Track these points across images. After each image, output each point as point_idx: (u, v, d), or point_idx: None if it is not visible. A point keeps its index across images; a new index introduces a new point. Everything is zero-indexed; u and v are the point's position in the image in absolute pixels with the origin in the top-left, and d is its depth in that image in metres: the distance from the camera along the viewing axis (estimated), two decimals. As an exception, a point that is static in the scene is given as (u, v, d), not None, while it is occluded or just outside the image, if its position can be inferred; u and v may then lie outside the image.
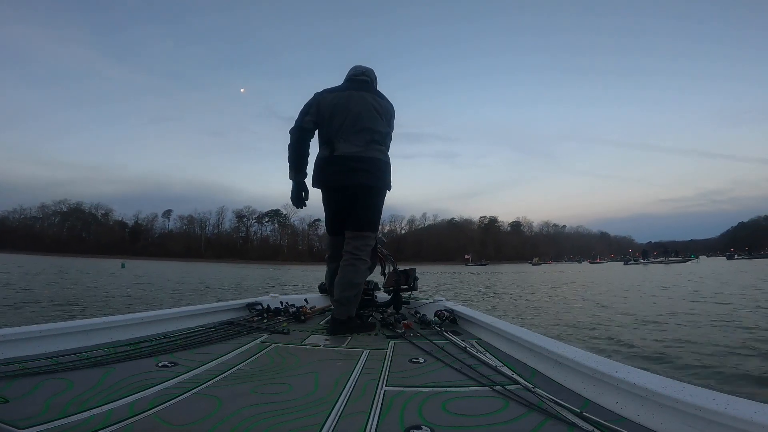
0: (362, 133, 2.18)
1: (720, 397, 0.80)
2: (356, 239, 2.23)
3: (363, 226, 2.24)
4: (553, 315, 7.61)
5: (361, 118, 2.18)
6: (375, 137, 2.21)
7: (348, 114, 2.17)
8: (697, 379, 3.41)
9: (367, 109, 2.20)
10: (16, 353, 1.37)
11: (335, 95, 2.23)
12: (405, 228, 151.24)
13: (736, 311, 7.18)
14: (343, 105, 2.19)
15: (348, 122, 2.17)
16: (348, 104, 2.19)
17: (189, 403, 1.04)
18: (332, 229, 2.37)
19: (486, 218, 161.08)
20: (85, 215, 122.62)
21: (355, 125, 2.17)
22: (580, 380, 1.13)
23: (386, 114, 2.29)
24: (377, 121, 2.22)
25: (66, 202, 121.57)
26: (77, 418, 0.90)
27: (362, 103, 2.21)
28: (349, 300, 2.16)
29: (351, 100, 2.20)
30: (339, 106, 2.18)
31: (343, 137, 2.17)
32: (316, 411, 0.99)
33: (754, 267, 30.86)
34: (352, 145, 2.16)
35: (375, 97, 2.29)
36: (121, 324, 1.79)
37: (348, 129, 2.17)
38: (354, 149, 2.16)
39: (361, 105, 2.20)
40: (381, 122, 2.25)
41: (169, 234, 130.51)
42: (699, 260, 69.09)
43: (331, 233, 2.39)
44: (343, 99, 2.20)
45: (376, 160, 2.20)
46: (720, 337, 5.03)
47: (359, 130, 2.17)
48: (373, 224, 2.28)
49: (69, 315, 6.39)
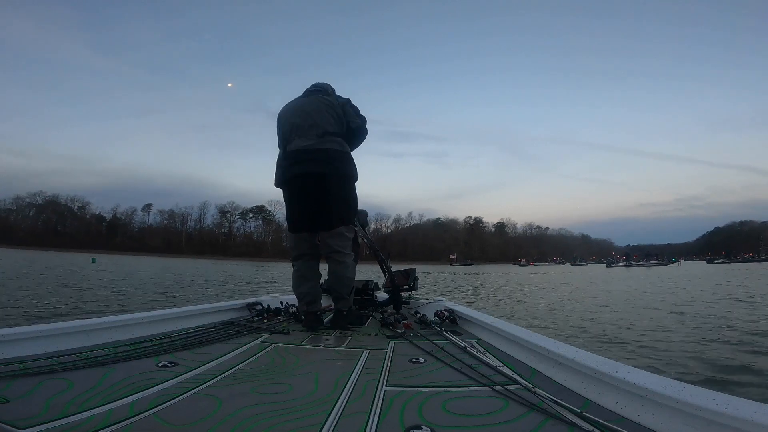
0: (314, 128, 2.24)
1: (720, 397, 0.80)
2: (332, 237, 2.24)
3: (333, 222, 2.23)
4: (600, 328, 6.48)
5: (311, 115, 2.26)
6: (328, 129, 2.25)
7: (298, 116, 2.29)
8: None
9: (317, 108, 2.29)
10: (16, 353, 1.36)
11: (288, 105, 2.39)
12: (391, 227, 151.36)
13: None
14: (293, 111, 2.33)
15: (300, 121, 2.27)
16: (299, 107, 2.33)
17: (189, 403, 1.04)
18: (293, 225, 2.34)
19: (471, 219, 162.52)
20: (61, 208, 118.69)
21: (306, 122, 2.25)
22: (581, 380, 1.13)
23: (334, 108, 2.33)
24: (328, 117, 2.29)
25: (42, 194, 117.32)
26: (77, 418, 0.90)
27: (312, 103, 2.33)
28: (348, 292, 2.30)
29: (300, 104, 2.36)
30: (291, 111, 2.33)
31: (296, 135, 2.25)
32: (316, 411, 0.99)
33: (742, 270, 31.52)
34: (304, 139, 2.22)
35: (324, 96, 2.38)
36: (121, 324, 1.78)
37: (300, 127, 2.25)
38: (306, 143, 2.21)
39: (311, 105, 2.31)
40: (333, 117, 2.30)
41: (149, 228, 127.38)
42: (680, 264, 70.30)
43: (291, 230, 2.36)
44: (297, 103, 2.37)
45: (330, 150, 2.22)
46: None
47: (310, 125, 2.24)
48: (343, 218, 2.27)
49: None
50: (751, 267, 43.56)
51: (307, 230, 2.30)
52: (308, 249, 2.33)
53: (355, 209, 2.39)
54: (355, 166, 2.36)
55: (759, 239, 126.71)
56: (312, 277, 2.33)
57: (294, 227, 2.34)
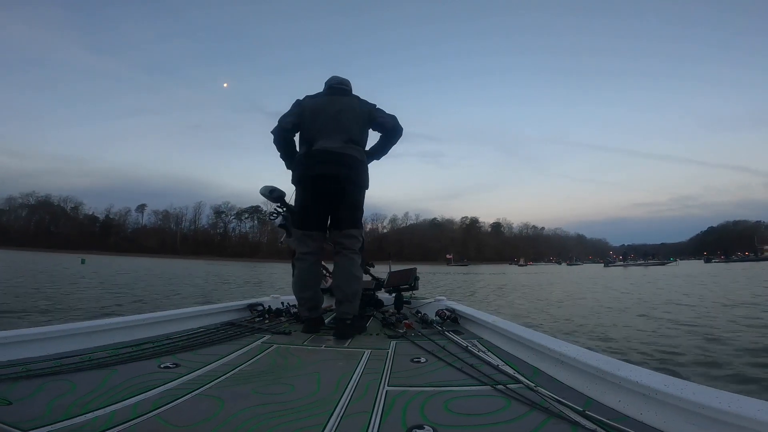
0: (340, 132, 2.23)
1: (723, 395, 0.80)
2: (344, 237, 2.23)
3: (350, 223, 2.25)
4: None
5: (339, 118, 2.26)
6: (353, 137, 2.26)
7: (327, 115, 2.26)
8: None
9: (346, 111, 2.29)
10: (18, 355, 1.36)
11: (316, 99, 2.34)
12: (387, 227, 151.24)
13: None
14: (324, 107, 2.28)
15: (327, 122, 2.24)
16: (328, 107, 2.28)
17: (191, 404, 1.04)
18: (304, 223, 2.28)
19: (467, 219, 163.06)
20: (54, 208, 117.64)
21: (334, 125, 2.24)
22: (583, 379, 1.13)
23: (362, 116, 2.34)
24: (355, 123, 2.30)
25: (34, 194, 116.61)
26: (80, 420, 0.90)
27: (341, 105, 2.31)
28: (356, 295, 2.18)
29: (331, 103, 2.30)
30: (319, 109, 2.28)
31: (322, 135, 2.23)
32: (318, 411, 0.99)
33: (743, 270, 30.62)
34: (330, 141, 2.21)
35: (353, 100, 2.37)
36: (123, 325, 1.78)
37: (327, 128, 2.23)
38: (332, 145, 2.21)
39: (341, 107, 2.29)
40: (359, 124, 2.32)
41: (143, 229, 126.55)
42: (678, 263, 69.94)
43: (302, 227, 2.28)
44: (324, 102, 2.31)
45: (353, 158, 2.24)
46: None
47: (337, 129, 2.23)
48: (358, 222, 2.30)
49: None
50: (753, 266, 41.97)
51: (318, 229, 2.28)
52: (315, 248, 2.28)
53: (362, 216, 2.39)
54: (368, 177, 2.38)
55: (752, 239, 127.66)
56: (315, 282, 2.29)
57: (307, 225, 2.28)
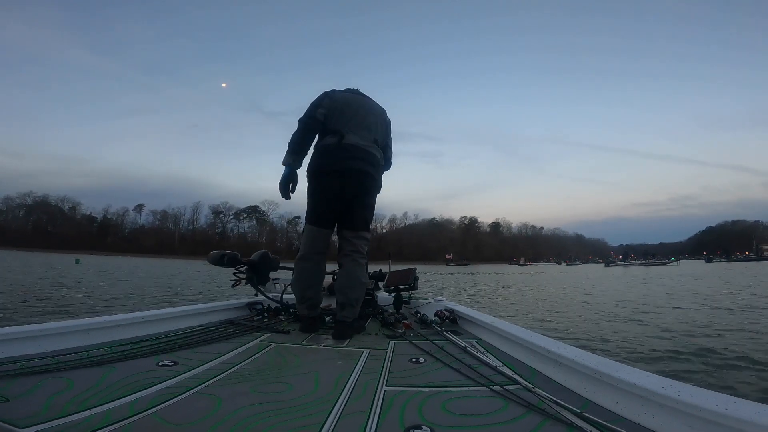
0: (369, 131, 2.25)
1: (720, 397, 0.80)
2: (357, 239, 2.19)
3: (363, 225, 2.23)
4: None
5: (368, 118, 2.28)
6: (377, 139, 2.29)
7: (359, 111, 2.26)
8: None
9: (374, 113, 2.33)
10: (16, 352, 1.35)
11: (346, 94, 2.33)
12: (386, 227, 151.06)
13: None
14: (355, 103, 2.28)
15: (358, 118, 2.24)
16: (359, 103, 2.30)
17: (189, 402, 1.03)
18: (319, 219, 2.20)
19: (466, 219, 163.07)
20: (52, 208, 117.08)
21: (364, 123, 2.24)
22: (580, 380, 1.13)
23: (385, 122, 2.41)
24: (381, 127, 2.34)
25: (32, 194, 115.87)
26: (77, 417, 0.89)
27: (371, 106, 2.35)
28: (359, 301, 2.14)
29: (362, 101, 2.33)
30: (351, 103, 2.27)
31: (353, 131, 2.20)
32: (316, 410, 0.99)
33: (749, 270, 30.18)
34: (360, 138, 2.20)
35: (377, 104, 2.41)
36: (121, 323, 1.77)
37: (358, 124, 2.22)
38: (362, 142, 2.20)
39: (370, 107, 2.34)
40: (383, 129, 2.37)
41: (141, 229, 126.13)
42: (679, 263, 68.82)
43: (317, 224, 2.20)
44: (356, 99, 2.32)
45: (377, 158, 2.27)
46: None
47: (366, 127, 2.24)
48: (368, 224, 2.29)
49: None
50: (756, 266, 41.87)
51: (330, 226, 2.23)
52: (323, 248, 2.23)
53: (372, 218, 2.37)
54: (382, 181, 2.40)
55: (751, 238, 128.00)
56: (318, 282, 2.25)
57: (320, 221, 2.20)
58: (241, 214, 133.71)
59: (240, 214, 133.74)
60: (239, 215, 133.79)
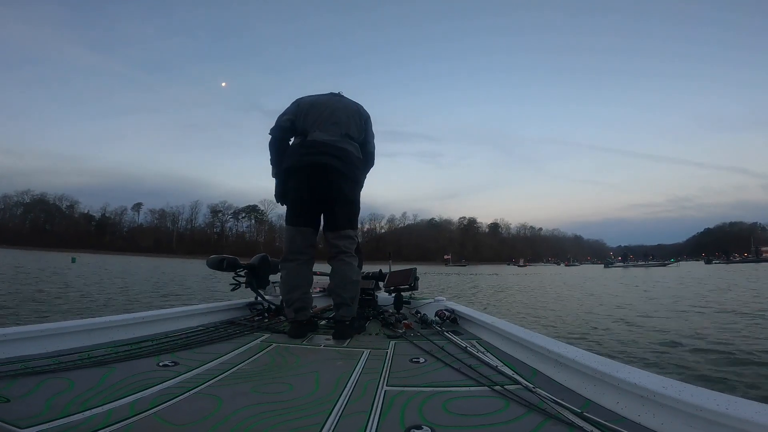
0: (337, 126, 2.20)
1: (721, 397, 0.80)
2: (340, 239, 2.15)
3: (344, 223, 2.17)
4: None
5: (336, 113, 2.24)
6: (350, 133, 2.24)
7: (325, 109, 2.24)
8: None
9: (344, 108, 2.29)
10: (17, 353, 1.36)
11: (314, 96, 2.33)
12: (385, 227, 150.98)
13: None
14: (321, 103, 2.27)
15: (324, 116, 2.22)
16: (326, 102, 2.28)
17: (190, 402, 1.03)
18: (295, 218, 2.16)
19: (465, 219, 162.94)
20: (49, 207, 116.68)
21: (331, 119, 2.21)
22: (581, 380, 1.13)
23: (361, 116, 2.34)
24: (352, 121, 2.28)
25: (29, 193, 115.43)
26: (78, 418, 0.90)
27: (339, 102, 2.31)
28: (353, 300, 2.12)
29: (330, 100, 2.31)
30: (316, 104, 2.27)
31: (318, 128, 2.18)
32: (316, 411, 0.99)
33: (754, 271, 29.59)
34: (326, 134, 2.16)
35: (352, 103, 2.38)
36: (122, 323, 1.77)
37: (323, 121, 2.20)
38: (327, 137, 2.16)
39: (338, 103, 2.30)
40: (356, 122, 2.30)
41: (139, 228, 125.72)
42: (679, 265, 68.72)
43: (293, 223, 2.16)
44: (322, 98, 2.31)
45: (348, 151, 2.19)
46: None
47: (334, 123, 2.21)
48: (352, 222, 2.23)
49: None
50: (758, 268, 40.74)
51: (309, 225, 2.16)
52: (305, 248, 2.16)
53: (358, 215, 2.30)
54: (364, 176, 2.36)
55: (749, 240, 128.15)
56: (304, 284, 2.17)
57: (297, 220, 2.16)
58: (240, 214, 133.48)
59: (239, 213, 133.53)
60: (238, 214, 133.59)
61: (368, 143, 2.37)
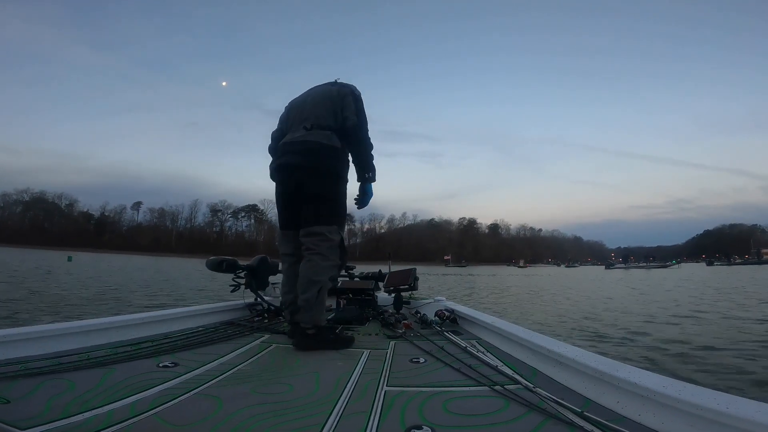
0: (306, 120, 2.13)
1: (721, 396, 0.80)
2: (309, 236, 2.03)
3: (312, 221, 2.03)
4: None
5: (305, 106, 2.18)
6: (320, 122, 2.10)
7: (299, 107, 2.21)
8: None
9: (311, 98, 2.20)
10: (17, 354, 1.36)
11: (302, 95, 2.29)
12: (384, 227, 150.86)
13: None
14: (300, 102, 2.24)
15: (297, 114, 2.19)
16: (302, 98, 2.25)
17: (190, 403, 1.04)
18: (280, 222, 2.21)
19: (465, 220, 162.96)
20: (48, 205, 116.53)
21: (302, 115, 2.16)
22: (581, 380, 1.13)
23: (331, 98, 2.16)
24: (321, 109, 2.14)
25: (29, 191, 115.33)
26: (78, 419, 0.90)
27: (312, 93, 2.23)
28: (310, 303, 1.87)
29: (306, 94, 2.26)
30: (295, 104, 2.25)
31: (291, 130, 2.16)
32: (316, 411, 0.99)
33: (757, 273, 28.81)
34: (294, 133, 2.12)
35: (328, 86, 2.24)
36: (122, 324, 1.78)
37: (296, 119, 2.17)
38: (293, 136, 2.13)
39: (308, 96, 2.23)
40: (326, 109, 2.14)
41: (138, 227, 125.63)
42: (680, 266, 67.84)
43: (280, 227, 2.21)
44: (300, 97, 2.27)
45: (315, 143, 2.06)
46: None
47: (304, 118, 2.14)
48: (324, 217, 2.04)
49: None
50: (761, 270, 39.43)
51: (291, 227, 2.13)
52: (291, 249, 2.14)
53: (340, 210, 2.11)
54: (344, 164, 2.15)
55: (748, 242, 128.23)
56: (292, 286, 2.11)
57: (281, 223, 2.19)
58: (240, 213, 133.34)
59: (238, 212, 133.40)
60: (237, 214, 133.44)
61: (347, 119, 2.12)
